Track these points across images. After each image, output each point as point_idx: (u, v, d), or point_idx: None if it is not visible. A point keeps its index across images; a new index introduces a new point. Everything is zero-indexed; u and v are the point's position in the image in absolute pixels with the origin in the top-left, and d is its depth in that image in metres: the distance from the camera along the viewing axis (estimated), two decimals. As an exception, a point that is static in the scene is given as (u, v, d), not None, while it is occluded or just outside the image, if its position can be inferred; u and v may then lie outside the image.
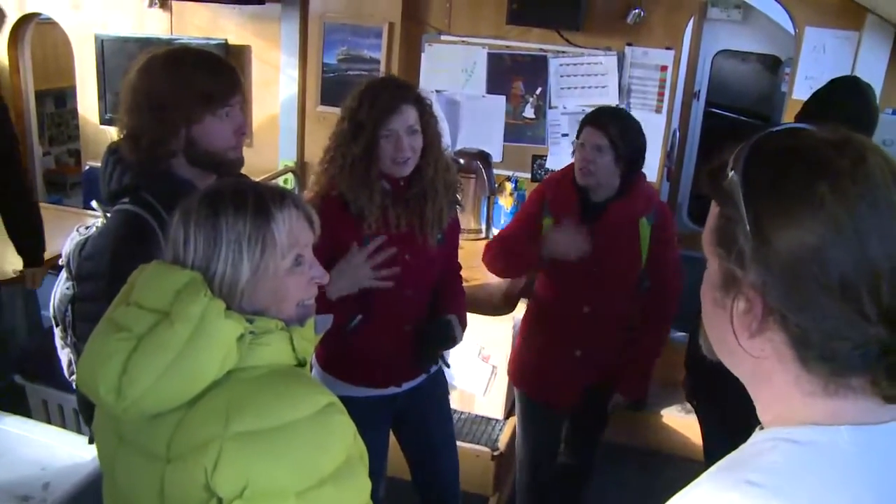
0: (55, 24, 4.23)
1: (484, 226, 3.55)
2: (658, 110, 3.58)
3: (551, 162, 3.66)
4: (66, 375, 1.92)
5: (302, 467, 1.12)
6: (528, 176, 3.76)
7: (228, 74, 1.72)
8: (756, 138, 0.75)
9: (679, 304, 2.42)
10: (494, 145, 3.73)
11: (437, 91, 3.73)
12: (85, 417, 1.78)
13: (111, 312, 1.18)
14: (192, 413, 1.13)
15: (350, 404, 1.93)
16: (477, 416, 3.37)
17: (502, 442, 3.21)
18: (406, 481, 2.51)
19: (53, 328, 1.91)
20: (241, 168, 1.79)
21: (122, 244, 1.58)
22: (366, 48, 3.78)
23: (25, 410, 3.01)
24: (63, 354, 1.90)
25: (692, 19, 3.80)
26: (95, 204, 1.83)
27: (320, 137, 2.13)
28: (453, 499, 2.49)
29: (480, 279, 3.04)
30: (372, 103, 1.98)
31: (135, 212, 1.62)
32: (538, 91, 3.69)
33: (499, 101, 3.74)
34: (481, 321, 2.85)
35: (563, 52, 3.61)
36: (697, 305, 0.83)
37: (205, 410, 1.12)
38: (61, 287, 1.86)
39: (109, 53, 3.94)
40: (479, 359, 3.28)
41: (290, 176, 3.85)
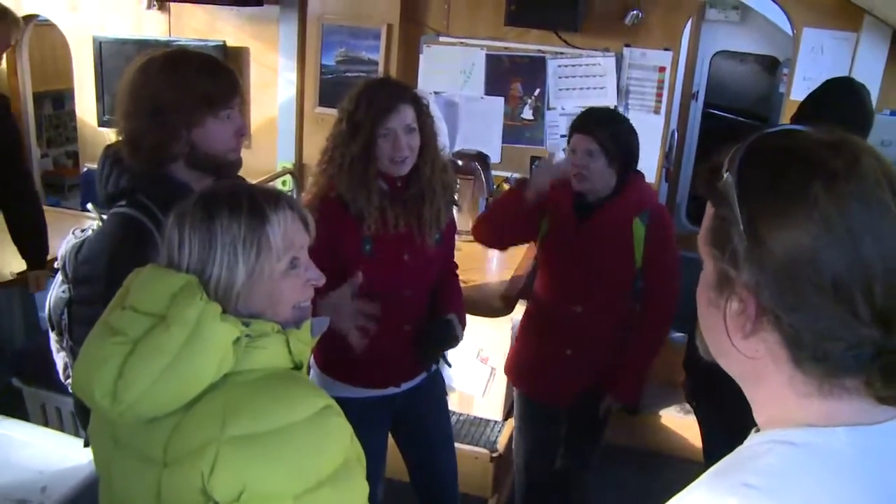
0: (53, 26, 4.22)
1: (482, 227, 3.54)
2: (656, 111, 3.58)
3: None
4: (62, 379, 1.91)
5: (299, 470, 1.12)
6: (527, 177, 3.75)
7: (228, 76, 1.71)
8: (750, 139, 0.75)
9: (676, 308, 2.39)
10: (493, 146, 3.73)
11: (436, 92, 3.72)
12: (82, 421, 1.77)
13: (107, 316, 1.18)
14: (189, 417, 1.12)
15: (349, 405, 1.91)
16: (475, 418, 3.37)
17: (501, 443, 3.21)
18: (404, 483, 2.51)
19: (49, 332, 1.90)
20: (240, 170, 1.79)
21: (119, 247, 1.57)
22: (364, 50, 3.77)
23: (23, 413, 3.00)
24: (59, 358, 1.89)
25: (690, 20, 3.80)
26: (91, 207, 1.82)
27: (318, 139, 2.13)
28: (452, 500, 2.49)
29: (479, 280, 3.04)
30: (369, 103, 1.98)
31: (132, 215, 1.61)
32: (536, 92, 3.69)
33: (497, 103, 3.74)
34: (480, 323, 2.84)
35: (562, 54, 3.61)
36: (696, 306, 0.83)
37: (201, 414, 1.12)
38: (56, 290, 1.85)
39: (107, 55, 3.93)
40: (478, 360, 3.28)
41: (289, 178, 3.84)
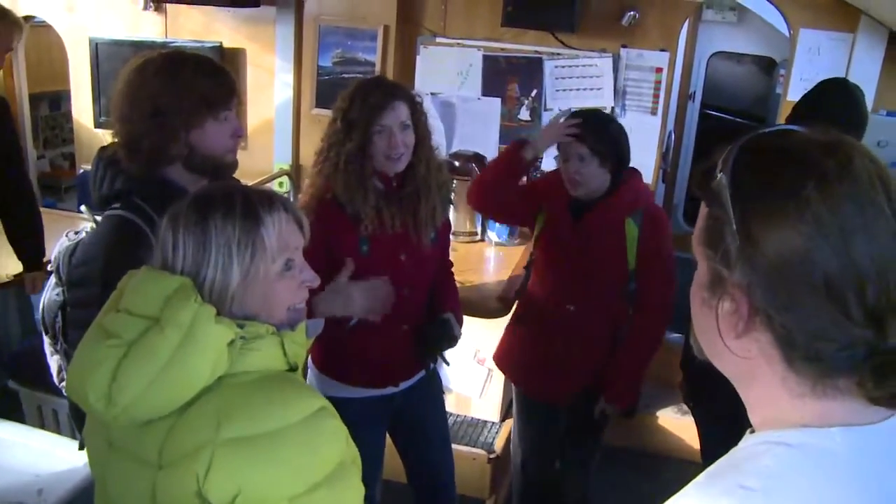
0: (49, 28, 4.21)
1: (479, 228, 3.53)
2: (653, 112, 3.58)
3: (546, 164, 3.65)
4: (56, 382, 1.90)
5: (294, 472, 1.11)
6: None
7: (225, 77, 1.71)
8: (744, 139, 0.75)
9: (671, 311, 2.36)
10: (490, 147, 3.72)
11: (433, 93, 3.72)
12: (77, 424, 1.76)
13: (101, 318, 1.18)
14: (184, 419, 1.12)
15: (347, 405, 1.92)
16: (473, 419, 3.36)
17: (498, 445, 3.21)
18: (402, 484, 2.51)
19: (42, 335, 1.89)
20: (236, 172, 1.78)
21: (115, 250, 1.56)
22: (361, 51, 3.77)
23: (19, 416, 2.99)
24: (52, 361, 1.88)
25: (687, 21, 3.80)
26: (84, 209, 1.81)
27: (315, 140, 2.13)
28: (450, 501, 2.49)
29: (476, 281, 3.04)
30: (364, 101, 1.99)
31: (127, 217, 1.60)
32: (533, 93, 3.69)
33: (494, 104, 3.74)
34: (477, 324, 2.84)
35: (559, 54, 3.61)
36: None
37: (196, 416, 1.12)
38: (50, 293, 1.84)
39: (104, 56, 3.93)
40: (475, 361, 3.28)
41: (286, 179, 3.84)
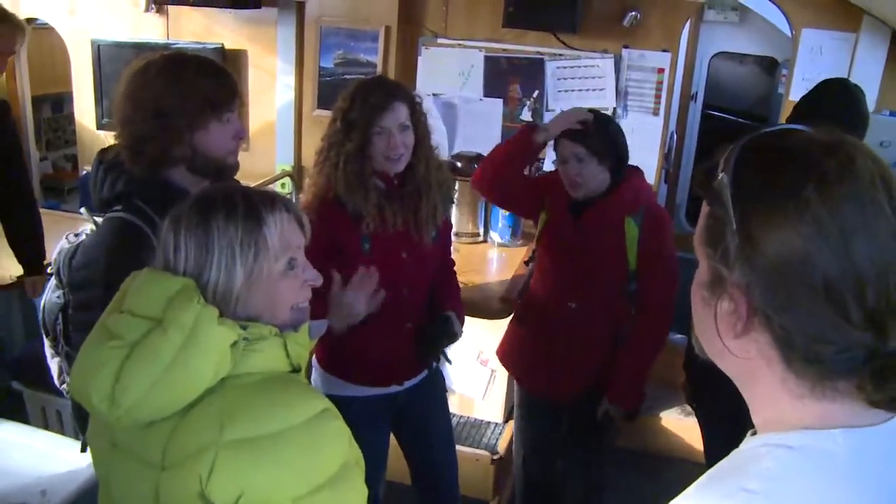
0: (51, 30, 4.22)
1: (482, 229, 3.54)
2: (655, 113, 3.58)
3: (548, 165, 3.65)
4: (57, 384, 1.90)
5: (297, 474, 1.11)
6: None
7: (228, 78, 1.71)
8: (746, 139, 0.75)
9: (672, 313, 2.34)
10: (491, 148, 3.71)
11: (434, 94, 3.72)
12: (80, 426, 1.76)
13: (104, 319, 1.18)
14: (187, 421, 1.12)
15: (351, 403, 1.92)
16: (476, 420, 3.36)
17: (501, 446, 3.20)
18: (405, 486, 2.51)
19: (43, 337, 1.89)
20: (237, 173, 1.78)
21: (117, 252, 1.55)
22: (362, 52, 3.78)
23: (23, 416, 3.00)
24: (53, 364, 1.88)
25: (689, 21, 3.80)
26: (84, 211, 1.80)
27: (317, 141, 2.13)
28: (453, 501, 2.49)
29: (478, 282, 3.04)
30: (363, 101, 2.00)
31: (128, 219, 1.60)
32: (535, 94, 3.68)
33: (496, 104, 3.74)
34: (480, 324, 2.84)
35: (560, 55, 3.61)
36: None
37: (199, 418, 1.12)
38: (50, 295, 1.84)
39: (106, 58, 3.93)
40: (478, 362, 3.28)
41: (287, 180, 3.84)
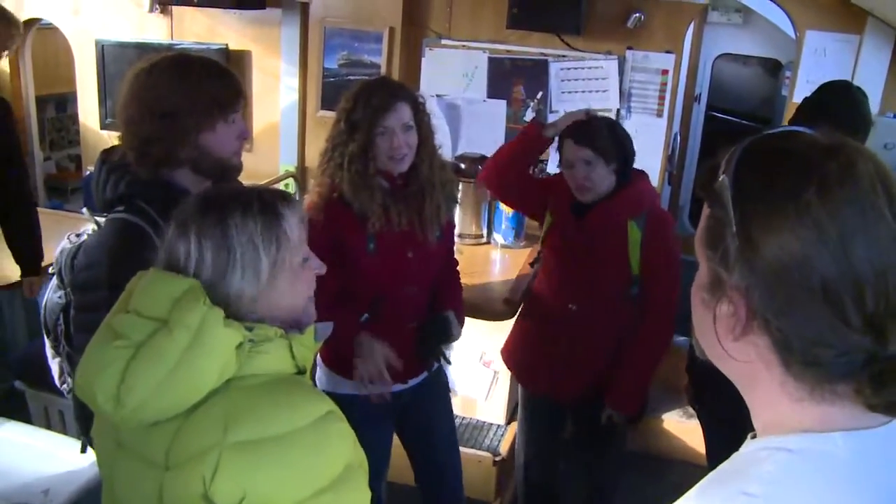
0: (56, 30, 4.24)
1: (485, 230, 3.53)
2: (659, 114, 3.58)
3: (552, 166, 3.65)
4: (58, 384, 1.90)
5: (301, 476, 1.11)
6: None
7: (232, 78, 1.71)
8: (748, 141, 0.75)
9: (674, 318, 2.33)
10: (495, 150, 3.71)
11: (438, 95, 3.73)
12: (81, 427, 1.75)
13: (110, 319, 1.17)
14: (191, 421, 1.12)
15: (355, 402, 1.93)
16: (478, 422, 3.36)
17: (504, 447, 3.20)
18: (408, 486, 2.51)
19: (44, 337, 1.88)
20: (241, 174, 1.78)
21: (120, 254, 1.54)
22: (366, 53, 3.78)
23: (26, 416, 3.00)
24: (54, 364, 1.87)
25: (692, 23, 3.80)
26: (86, 211, 1.80)
27: (321, 142, 2.14)
28: (457, 501, 2.48)
29: (481, 284, 3.04)
30: (367, 102, 2.01)
31: (131, 220, 1.59)
32: (539, 95, 3.68)
33: (500, 106, 3.74)
34: (482, 326, 2.84)
35: (564, 57, 3.61)
36: None
37: (203, 419, 1.12)
38: (52, 295, 1.83)
39: (110, 59, 3.95)
40: (481, 364, 3.28)
41: (291, 181, 3.84)
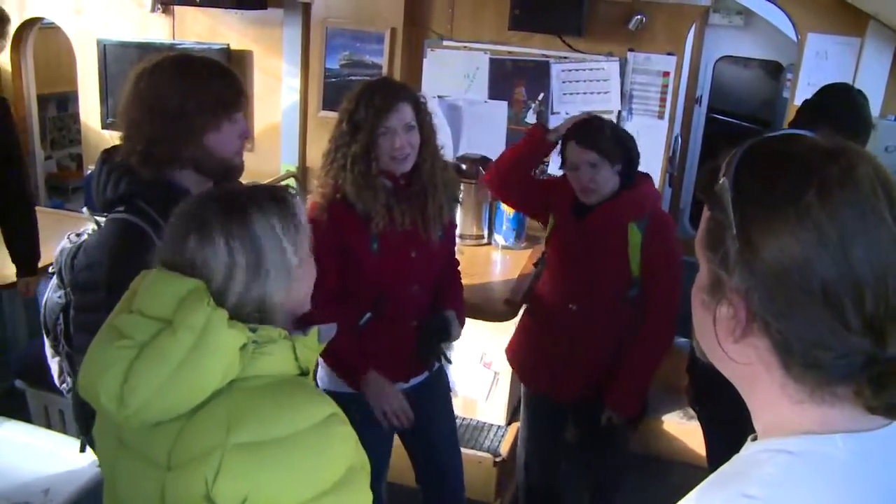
0: (57, 29, 4.24)
1: (486, 231, 3.53)
2: (660, 116, 3.58)
3: (553, 168, 3.65)
4: (57, 384, 1.90)
5: (303, 478, 1.12)
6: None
7: (234, 78, 1.71)
8: (749, 143, 0.75)
9: (675, 321, 2.34)
10: (496, 151, 3.65)
11: (440, 96, 3.72)
12: (81, 427, 1.75)
13: (113, 319, 1.17)
14: (193, 422, 1.12)
15: (356, 401, 1.94)
16: (479, 423, 3.36)
17: (504, 448, 3.20)
18: (408, 487, 2.51)
19: (44, 336, 1.88)
20: (242, 174, 1.78)
21: (120, 254, 1.54)
22: (368, 53, 3.78)
23: (26, 415, 3.00)
24: (53, 363, 1.87)
25: (694, 25, 3.80)
26: (86, 211, 1.80)
27: (322, 142, 2.14)
28: (458, 502, 2.48)
29: (482, 285, 3.04)
30: (369, 103, 2.01)
31: (131, 221, 1.59)
32: (540, 96, 3.68)
33: (501, 107, 3.74)
34: (483, 327, 2.84)
35: (566, 58, 3.61)
36: None
37: (206, 420, 1.12)
38: (52, 295, 1.83)
39: (111, 58, 3.95)
40: (481, 365, 3.28)
41: (292, 181, 3.84)
